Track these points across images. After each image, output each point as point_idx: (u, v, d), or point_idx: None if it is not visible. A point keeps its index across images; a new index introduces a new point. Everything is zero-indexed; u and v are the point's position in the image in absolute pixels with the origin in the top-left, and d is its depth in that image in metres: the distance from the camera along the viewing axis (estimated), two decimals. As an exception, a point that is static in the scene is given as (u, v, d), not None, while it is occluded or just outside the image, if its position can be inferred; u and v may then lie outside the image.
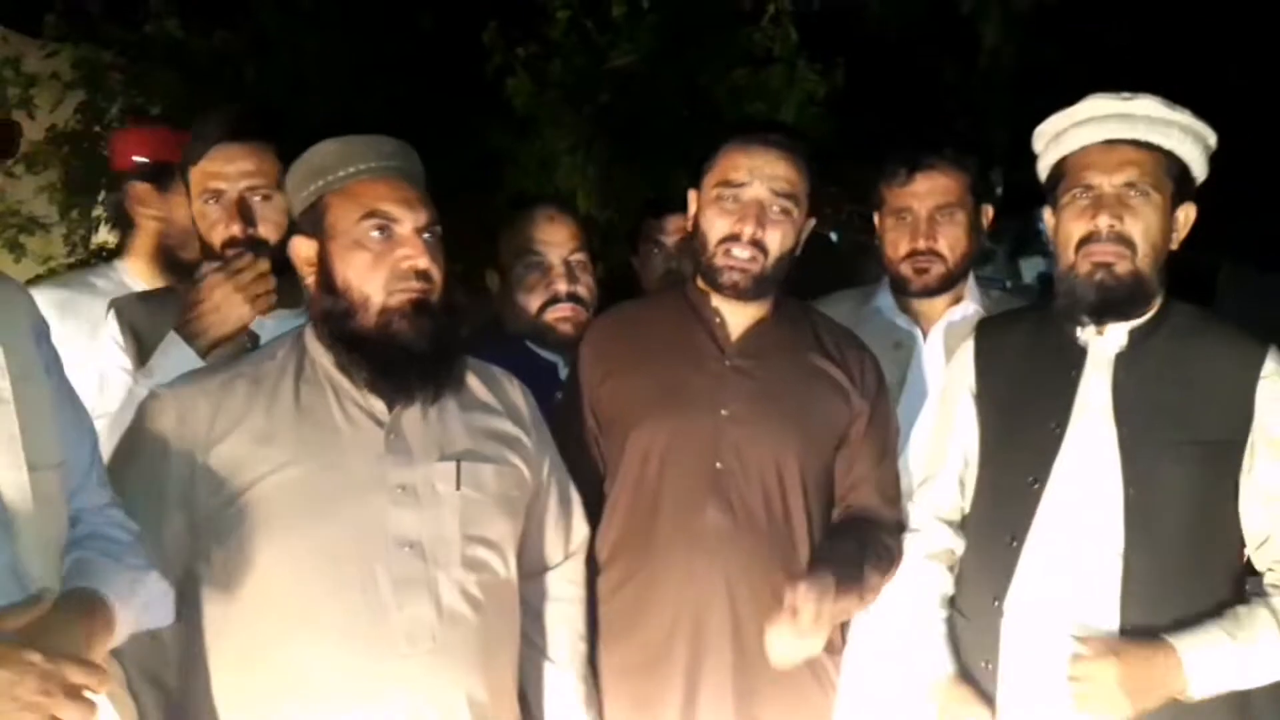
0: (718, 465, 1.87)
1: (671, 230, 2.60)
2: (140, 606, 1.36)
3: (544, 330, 2.19)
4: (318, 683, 1.52)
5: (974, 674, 1.87)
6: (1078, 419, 1.80)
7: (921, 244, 2.22)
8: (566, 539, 1.84)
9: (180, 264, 2.35)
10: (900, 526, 1.98)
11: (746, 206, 1.87)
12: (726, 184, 1.88)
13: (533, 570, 1.80)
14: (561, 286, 2.18)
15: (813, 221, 1.97)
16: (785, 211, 1.88)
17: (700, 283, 1.97)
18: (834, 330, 2.04)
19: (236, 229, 1.94)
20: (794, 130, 2.04)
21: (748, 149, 1.89)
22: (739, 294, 1.91)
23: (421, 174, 1.70)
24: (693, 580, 1.85)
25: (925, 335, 2.27)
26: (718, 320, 1.96)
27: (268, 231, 1.93)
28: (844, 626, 1.98)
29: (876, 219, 2.34)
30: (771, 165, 1.87)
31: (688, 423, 1.88)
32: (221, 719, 1.56)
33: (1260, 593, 1.77)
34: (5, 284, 1.41)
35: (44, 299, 1.75)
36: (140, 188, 2.40)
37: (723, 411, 1.88)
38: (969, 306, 2.27)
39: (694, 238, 1.96)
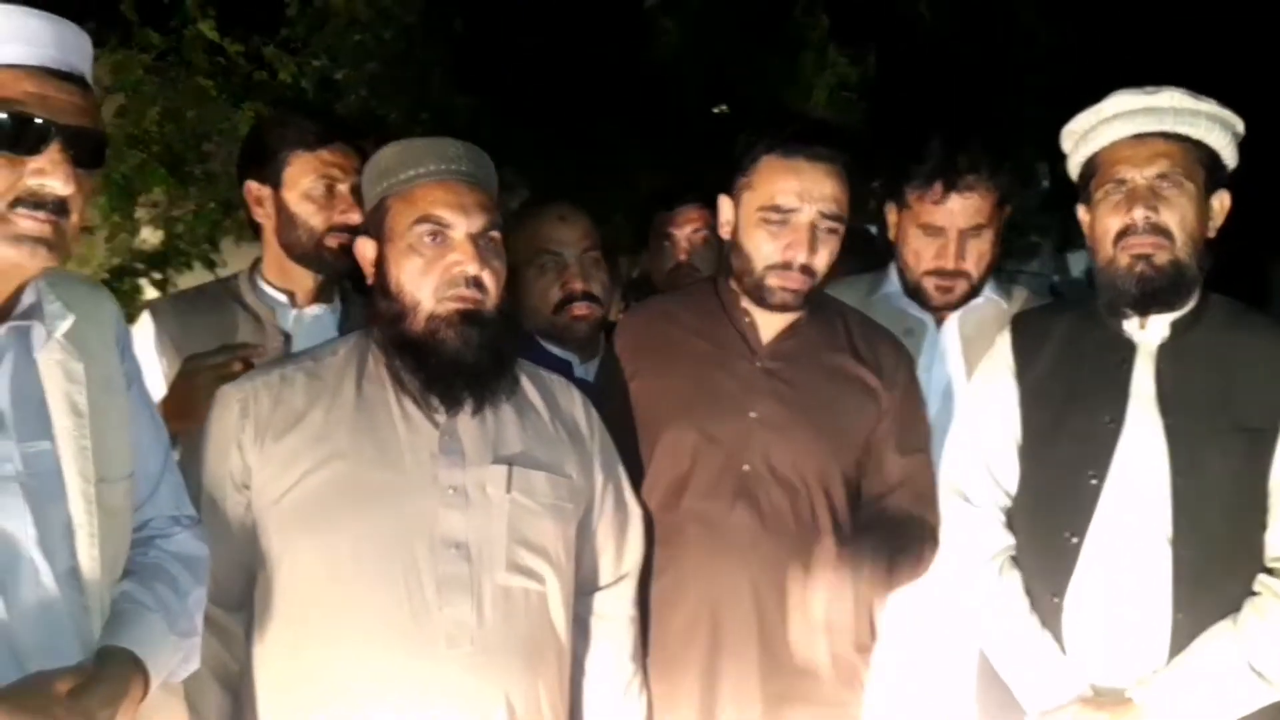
0: (745, 467, 1.85)
1: (682, 222, 2.56)
2: (172, 669, 1.39)
3: (559, 329, 2.19)
4: (358, 678, 1.52)
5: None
6: (1131, 412, 1.79)
7: (950, 264, 2.13)
8: (619, 558, 1.80)
9: None
10: (934, 529, 1.94)
11: (797, 232, 1.82)
12: (775, 209, 1.83)
13: (583, 588, 1.77)
14: (577, 285, 2.18)
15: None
16: (833, 231, 1.85)
17: (734, 285, 1.95)
18: (867, 327, 2.01)
19: (355, 216, 2.01)
20: (832, 128, 1.96)
21: (794, 167, 1.82)
22: (787, 310, 1.90)
23: (491, 177, 1.68)
24: (716, 580, 1.84)
25: (938, 322, 2.22)
26: (748, 321, 1.94)
27: None
28: (874, 626, 1.96)
29: (891, 211, 2.24)
30: (820, 185, 1.82)
31: (717, 424, 1.87)
32: (268, 709, 1.58)
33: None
34: (96, 293, 1.45)
35: None
36: None
37: (752, 414, 1.87)
38: (985, 294, 2.21)
39: (732, 248, 1.93)
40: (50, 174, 1.22)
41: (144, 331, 2.06)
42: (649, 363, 1.95)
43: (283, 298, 2.10)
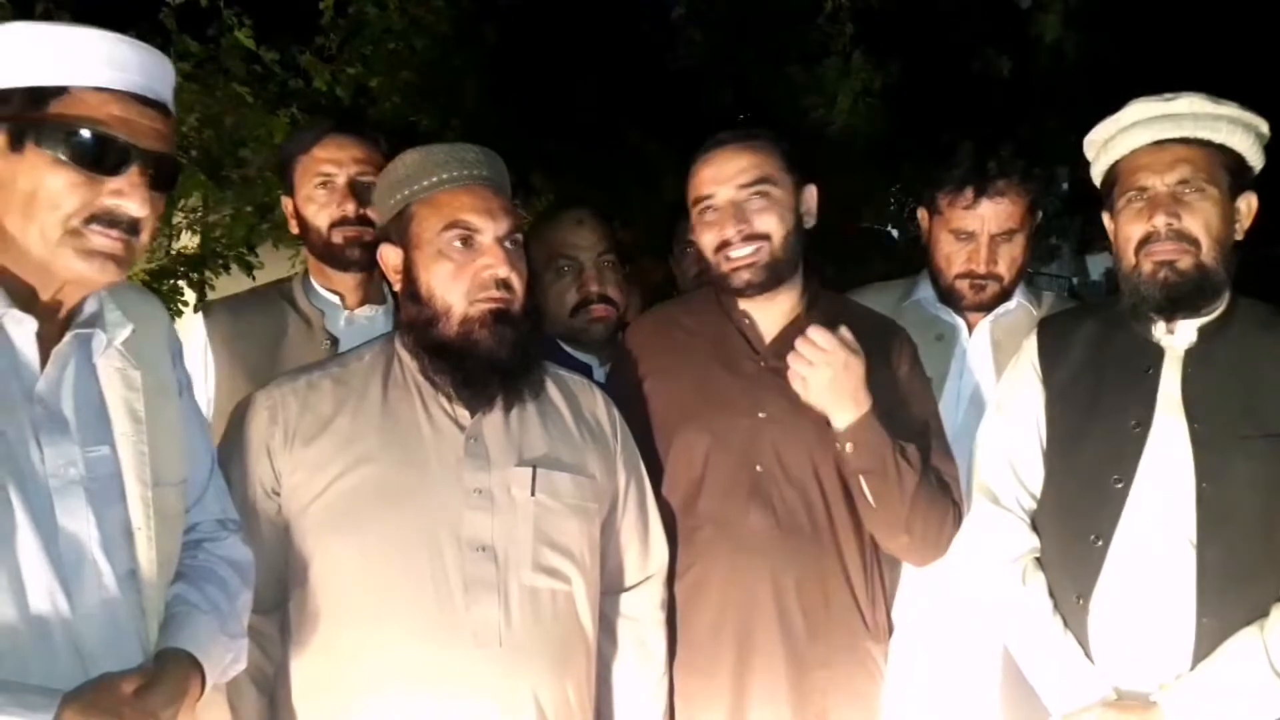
0: (758, 468, 1.88)
1: None
2: (224, 669, 1.45)
3: (577, 331, 2.24)
4: (388, 678, 1.55)
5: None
6: (1158, 416, 1.80)
7: (981, 268, 2.18)
8: (644, 558, 1.82)
9: None
10: (958, 507, 1.94)
11: (721, 212, 1.89)
12: (699, 200, 1.93)
13: (610, 588, 1.79)
14: (593, 287, 2.23)
15: (813, 188, 1.95)
16: (763, 194, 1.88)
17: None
18: (866, 319, 2.00)
19: (350, 208, 2.07)
20: (753, 120, 2.03)
21: (706, 160, 1.92)
22: (756, 289, 1.91)
23: (506, 180, 1.73)
24: (737, 581, 1.86)
25: (970, 328, 2.25)
26: (748, 322, 1.97)
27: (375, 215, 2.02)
28: (889, 616, 1.99)
29: (924, 217, 2.29)
30: (729, 164, 1.89)
31: (728, 426, 1.89)
32: (303, 709, 1.62)
33: None
34: (150, 302, 1.51)
35: None
36: None
37: (760, 413, 1.89)
38: (1015, 299, 2.25)
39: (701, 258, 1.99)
40: (128, 195, 1.27)
41: (195, 332, 2.11)
42: (655, 367, 1.98)
43: (334, 299, 2.16)
